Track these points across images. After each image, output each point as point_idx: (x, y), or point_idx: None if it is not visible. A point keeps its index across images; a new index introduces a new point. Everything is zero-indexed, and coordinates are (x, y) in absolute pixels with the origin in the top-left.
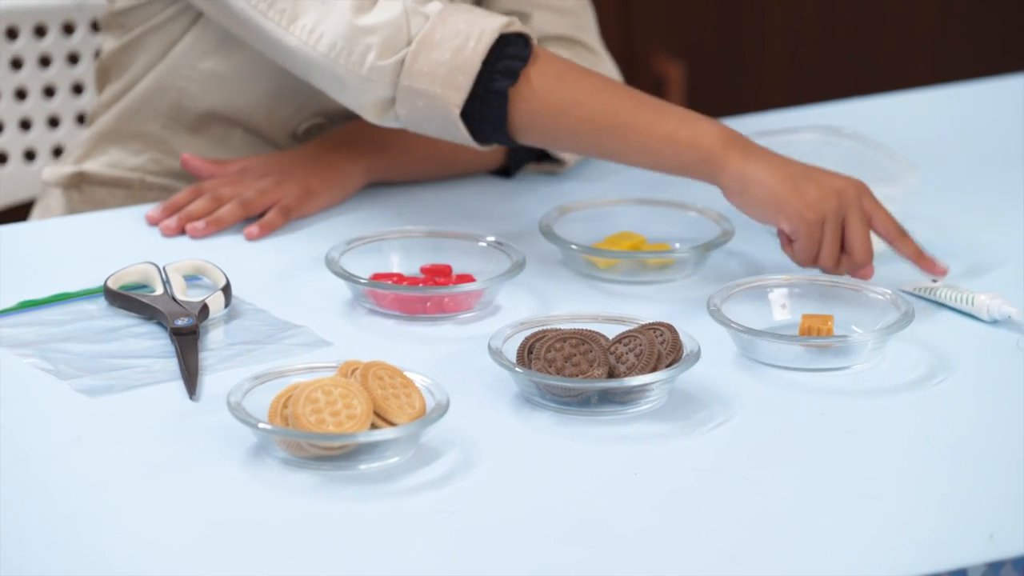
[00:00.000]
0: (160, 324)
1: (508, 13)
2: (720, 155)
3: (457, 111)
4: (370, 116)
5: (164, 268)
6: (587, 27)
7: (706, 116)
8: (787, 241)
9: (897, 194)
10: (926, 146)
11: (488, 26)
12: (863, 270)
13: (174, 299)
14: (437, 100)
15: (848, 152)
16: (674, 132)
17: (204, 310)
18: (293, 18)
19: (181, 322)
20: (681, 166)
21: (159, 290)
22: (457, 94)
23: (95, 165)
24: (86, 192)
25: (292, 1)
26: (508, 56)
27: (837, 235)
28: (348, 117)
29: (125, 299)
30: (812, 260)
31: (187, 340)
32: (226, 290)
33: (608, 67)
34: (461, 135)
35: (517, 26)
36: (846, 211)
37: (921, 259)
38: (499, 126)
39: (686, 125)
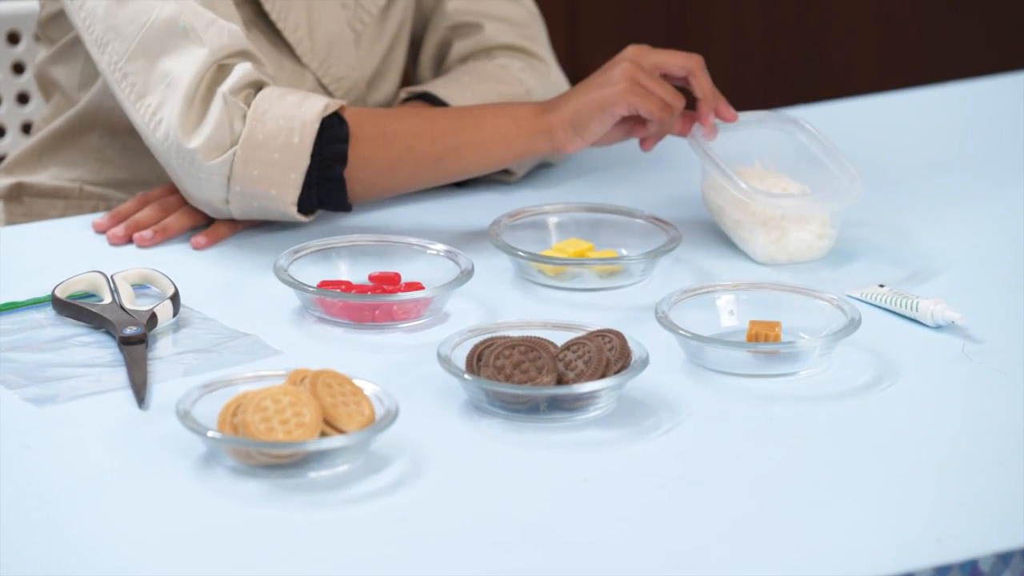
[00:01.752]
0: (108, 333)
1: (460, 25)
2: (543, 124)
3: (293, 208)
4: (206, 210)
5: (112, 277)
6: (536, 37)
7: (514, 102)
8: (640, 122)
9: (837, 209)
10: (868, 153)
11: (308, 115)
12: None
13: (122, 308)
14: (272, 201)
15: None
16: (499, 131)
17: (152, 319)
18: (141, 94)
19: (129, 331)
20: (520, 153)
21: (107, 299)
22: (291, 192)
23: (35, 177)
24: (26, 204)
25: (143, 76)
26: (333, 140)
27: (652, 73)
28: None
29: (73, 308)
30: (665, 107)
31: (136, 349)
32: (174, 299)
33: (556, 75)
34: (298, 221)
35: (333, 106)
36: (639, 61)
37: (711, 99)
38: (340, 203)
39: (504, 119)
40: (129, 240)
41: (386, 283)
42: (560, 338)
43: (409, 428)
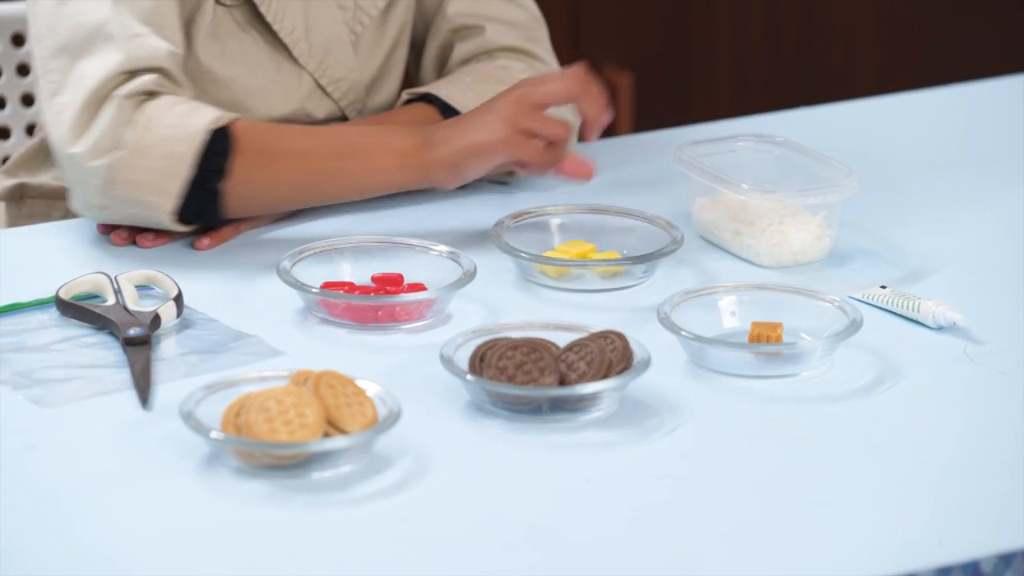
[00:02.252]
0: (112, 334)
1: (461, 28)
2: (421, 161)
3: (169, 217)
4: (85, 214)
5: (116, 278)
6: (538, 39)
7: (405, 129)
8: (521, 166)
9: (836, 200)
10: (869, 154)
11: (195, 125)
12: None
13: (126, 309)
14: (150, 208)
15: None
16: (378, 163)
17: (156, 320)
18: (56, 92)
19: (133, 332)
20: (397, 185)
21: (111, 300)
22: (170, 200)
23: (37, 179)
24: (28, 205)
25: (61, 74)
26: (215, 153)
27: (537, 111)
28: None
29: (77, 309)
30: (548, 148)
31: (139, 350)
32: (178, 300)
33: None
34: (175, 229)
35: (224, 119)
36: (523, 102)
37: (595, 126)
38: (213, 216)
39: (386, 153)
40: (132, 241)
41: (389, 284)
42: (562, 339)
43: (412, 429)
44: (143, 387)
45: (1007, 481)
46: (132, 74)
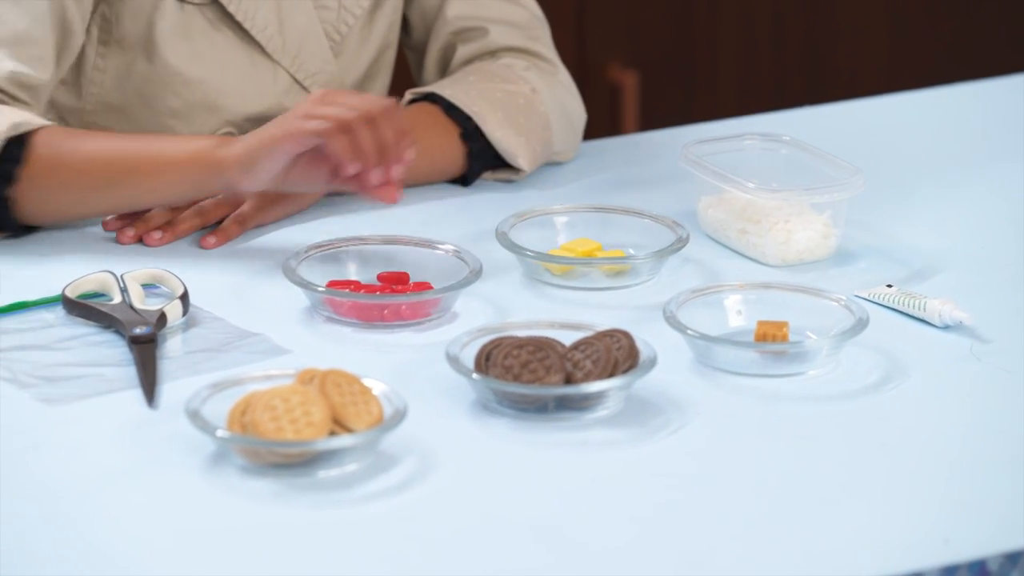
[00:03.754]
0: (118, 332)
1: (463, 30)
2: (214, 159)
3: None
4: None
5: (122, 277)
6: (540, 38)
7: (209, 136)
8: (317, 159)
9: (842, 199)
10: (875, 153)
11: None
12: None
13: (132, 308)
14: None
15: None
16: (174, 162)
17: (162, 318)
18: None
19: (139, 330)
20: (194, 187)
21: (117, 299)
22: None
23: None
24: None
25: None
26: (6, 159)
27: (327, 109)
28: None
29: (83, 308)
30: (342, 126)
31: (145, 348)
32: (184, 298)
33: (563, 77)
34: None
35: (26, 126)
36: (320, 96)
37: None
38: (8, 223)
39: (181, 153)
40: (138, 240)
41: (395, 283)
42: (568, 338)
43: (418, 427)
44: (149, 385)
45: (1013, 480)
46: None
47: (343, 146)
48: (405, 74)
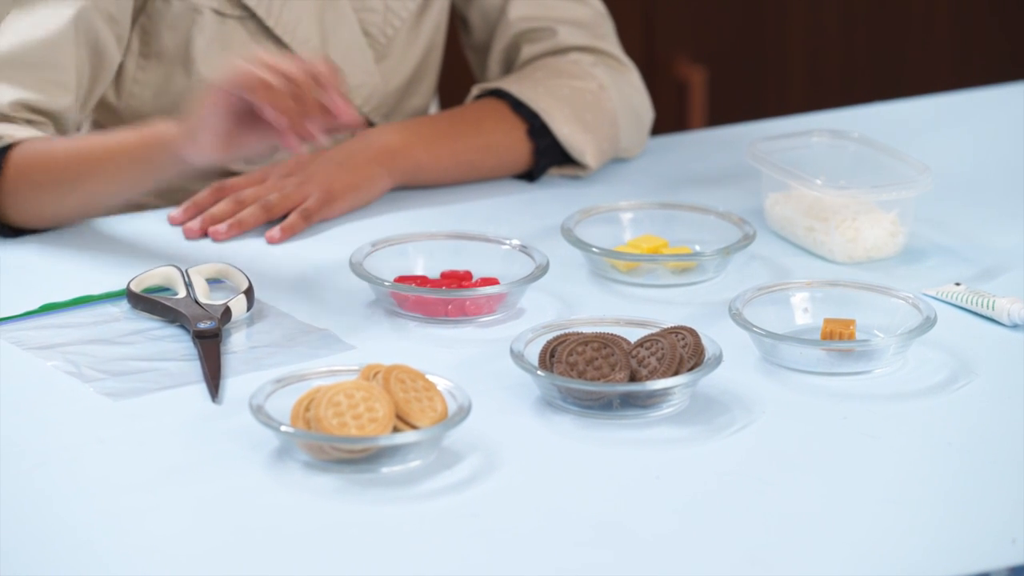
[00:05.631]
0: (183, 327)
1: (529, 31)
2: (159, 132)
3: None
4: None
5: (187, 272)
6: (606, 36)
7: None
8: (257, 122)
9: (911, 197)
10: (944, 150)
11: None
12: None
13: (197, 302)
14: None
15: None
16: (123, 144)
17: (227, 313)
18: None
19: (204, 325)
20: (148, 168)
21: (182, 293)
22: None
23: None
24: None
25: None
26: None
27: (260, 69)
28: None
29: (147, 302)
30: (271, 74)
31: (209, 343)
32: (248, 293)
33: (631, 73)
34: None
35: (8, 139)
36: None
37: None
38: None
39: (132, 134)
40: (204, 234)
41: (457, 280)
42: (633, 335)
43: (481, 424)
44: (213, 380)
45: None
46: None
47: (265, 97)
48: (452, 76)
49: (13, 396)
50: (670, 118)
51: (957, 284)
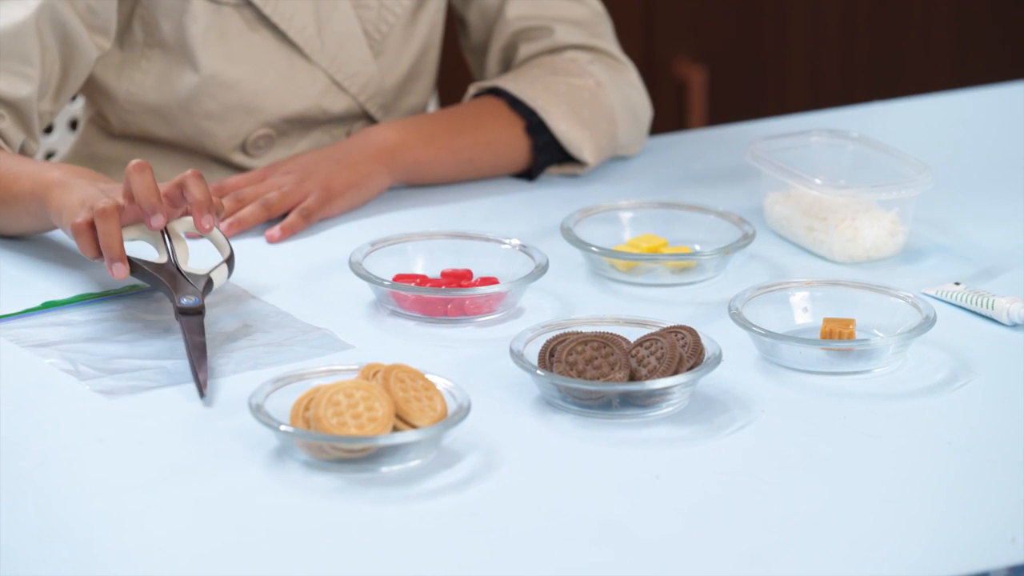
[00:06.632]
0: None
1: (526, 30)
2: (48, 198)
3: None
4: None
5: (166, 232)
6: (604, 34)
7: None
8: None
9: (910, 196)
10: (944, 150)
11: None
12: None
13: (178, 269)
14: None
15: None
16: (19, 195)
17: (208, 284)
18: None
19: (187, 301)
20: (34, 220)
21: (163, 256)
22: None
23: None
24: None
25: None
26: None
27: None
28: (296, 125)
29: (131, 265)
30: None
31: (193, 321)
32: (229, 261)
33: (630, 72)
34: None
35: None
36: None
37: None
38: None
39: (26, 187)
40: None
41: (457, 279)
42: (633, 334)
43: (481, 423)
44: (200, 374)
45: None
46: None
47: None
48: (450, 75)
49: (12, 394)
50: (670, 118)
51: (957, 284)
